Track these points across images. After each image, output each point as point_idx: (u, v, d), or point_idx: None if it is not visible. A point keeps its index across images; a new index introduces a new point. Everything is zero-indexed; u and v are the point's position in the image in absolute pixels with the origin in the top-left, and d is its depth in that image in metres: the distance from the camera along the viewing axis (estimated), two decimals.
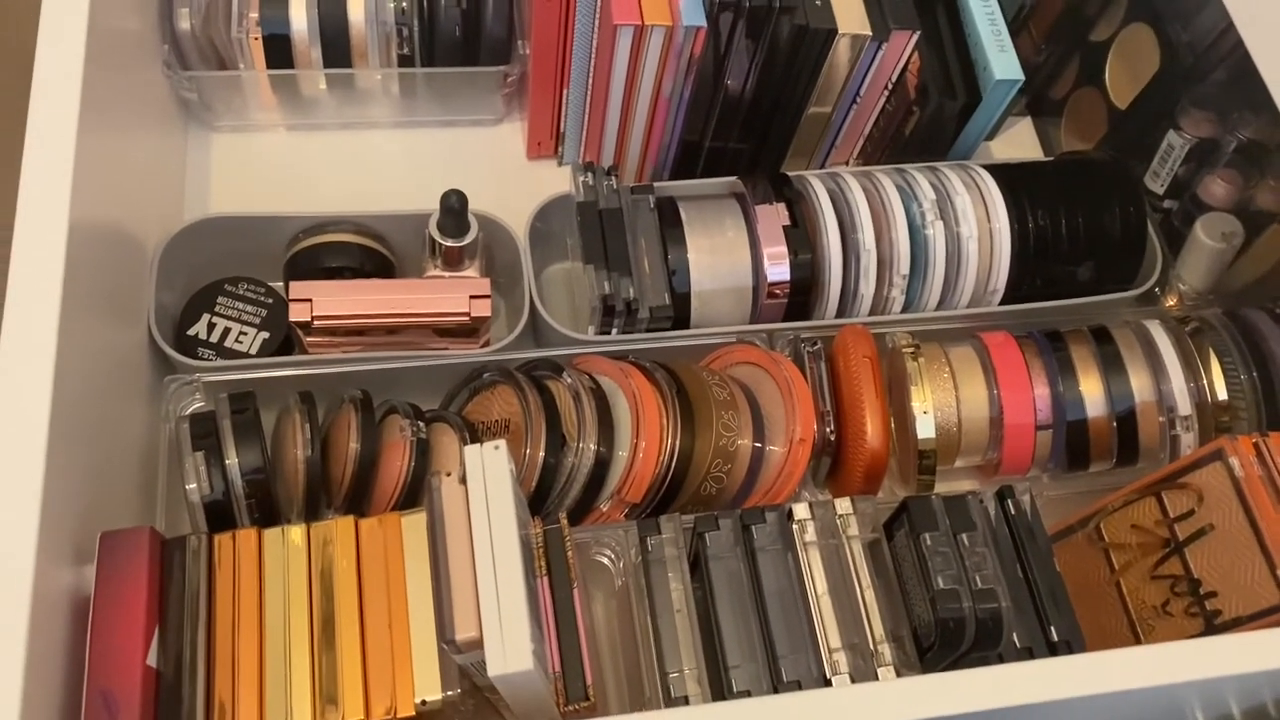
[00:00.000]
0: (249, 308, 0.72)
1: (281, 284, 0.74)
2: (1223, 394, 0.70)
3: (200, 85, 0.79)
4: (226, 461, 0.61)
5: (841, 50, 0.73)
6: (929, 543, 0.58)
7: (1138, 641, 0.65)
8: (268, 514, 0.62)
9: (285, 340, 0.72)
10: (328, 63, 0.79)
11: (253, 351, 0.70)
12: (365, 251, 0.73)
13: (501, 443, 0.49)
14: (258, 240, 0.73)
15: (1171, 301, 0.79)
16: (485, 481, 0.49)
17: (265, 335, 0.71)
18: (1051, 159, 0.81)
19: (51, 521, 0.48)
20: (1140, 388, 0.70)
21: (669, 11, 0.68)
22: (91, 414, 0.56)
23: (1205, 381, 0.70)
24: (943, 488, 0.70)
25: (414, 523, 0.53)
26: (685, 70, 0.71)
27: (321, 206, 0.76)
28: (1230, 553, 0.60)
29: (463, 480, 0.50)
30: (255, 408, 0.63)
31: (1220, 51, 0.74)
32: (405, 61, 0.80)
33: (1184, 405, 0.69)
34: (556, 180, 0.85)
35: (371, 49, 0.79)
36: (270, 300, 0.72)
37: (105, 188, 0.63)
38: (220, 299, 0.72)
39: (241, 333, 0.71)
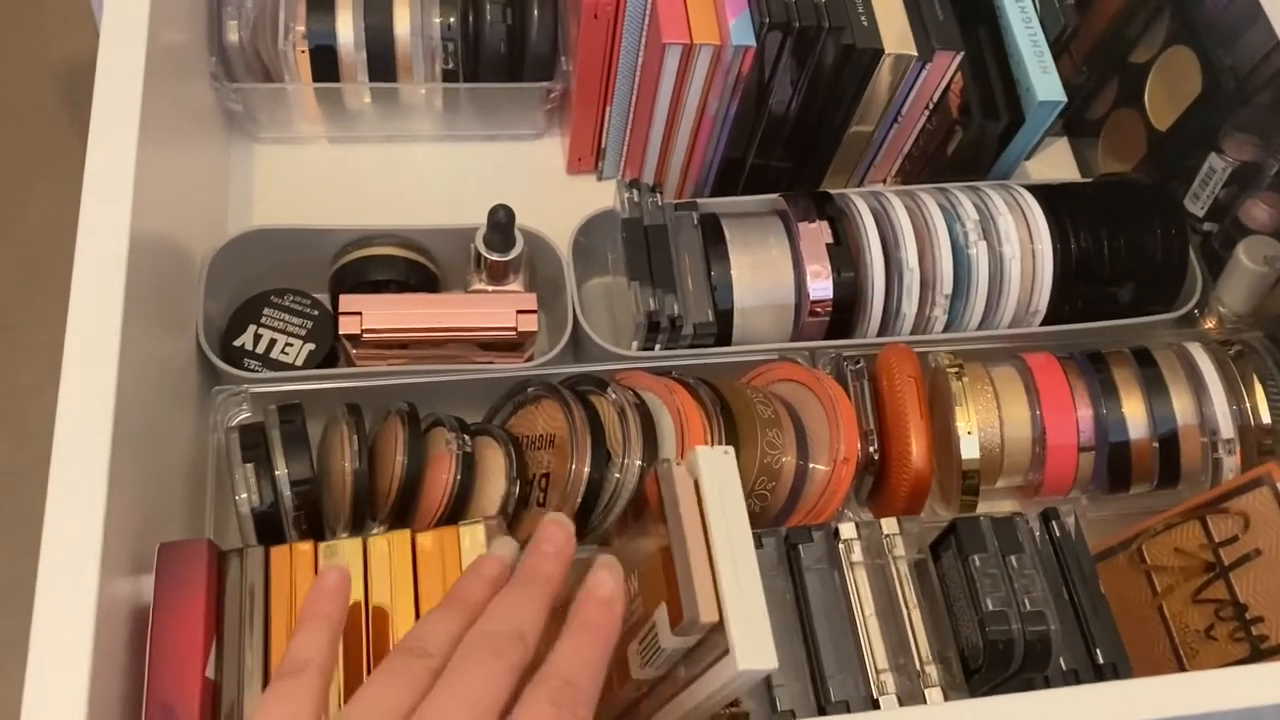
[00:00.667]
0: (295, 319, 0.72)
1: (326, 296, 0.75)
2: (1266, 417, 0.70)
3: (246, 97, 0.80)
4: (276, 473, 0.61)
5: (885, 70, 0.73)
6: (978, 564, 0.58)
7: (1181, 665, 0.65)
8: (315, 525, 0.62)
9: (330, 352, 0.72)
10: (373, 76, 0.80)
11: (298, 363, 0.71)
12: (410, 265, 0.73)
13: (730, 449, 0.50)
14: (303, 252, 0.74)
15: (1211, 324, 0.79)
16: (719, 479, 0.49)
17: (311, 347, 0.71)
18: (1092, 180, 0.81)
19: (114, 531, 0.49)
20: (1183, 410, 0.70)
21: (717, 31, 0.69)
22: (146, 424, 0.57)
23: (1248, 405, 0.70)
24: (984, 507, 0.70)
25: (471, 534, 0.53)
26: (732, 89, 0.72)
27: (364, 219, 0.76)
28: (1277, 579, 0.60)
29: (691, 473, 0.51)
30: (303, 419, 0.63)
31: (1264, 75, 0.74)
32: (449, 76, 0.80)
33: (1226, 428, 0.69)
34: (595, 195, 0.85)
35: (416, 63, 0.79)
36: (316, 312, 0.73)
37: (159, 199, 0.64)
38: (266, 310, 0.72)
39: (288, 344, 0.71)
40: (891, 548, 0.61)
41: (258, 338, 0.71)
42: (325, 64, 0.79)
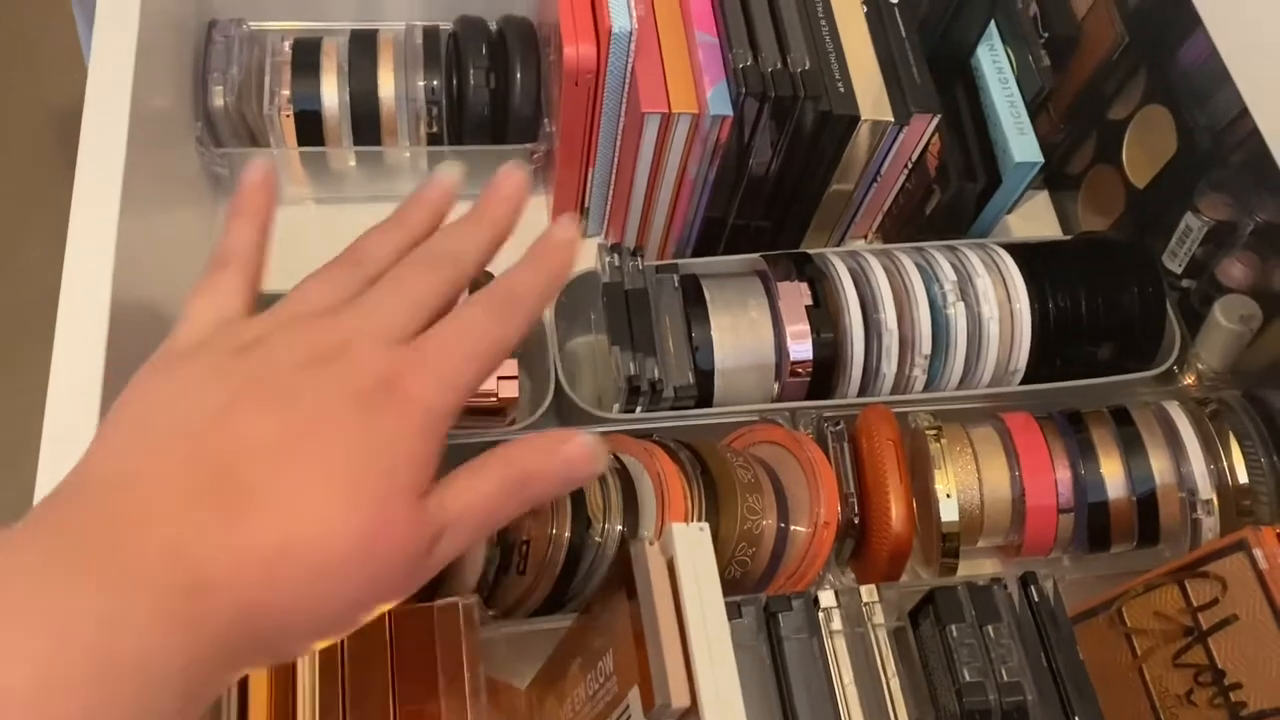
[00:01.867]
0: None
1: None
2: (1243, 477, 0.70)
3: (232, 161, 0.80)
4: None
5: (863, 134, 0.74)
6: (955, 634, 0.58)
7: None
8: None
9: None
10: (357, 139, 0.81)
11: None
12: None
13: (706, 525, 0.51)
14: None
15: (1189, 380, 0.80)
16: (694, 558, 0.49)
17: None
18: (1069, 238, 0.82)
19: None
20: (1160, 470, 0.71)
21: (695, 100, 0.70)
22: None
23: (1225, 465, 0.70)
24: (965, 567, 0.71)
25: (446, 612, 0.53)
26: (710, 155, 0.73)
27: None
28: (1255, 645, 0.61)
29: (664, 552, 0.51)
30: None
31: (1237, 135, 0.75)
32: (434, 139, 0.81)
33: (1205, 489, 0.70)
34: (580, 254, 0.86)
35: (401, 126, 0.80)
36: None
37: (143, 267, 0.64)
38: None
39: None
40: (871, 616, 0.61)
41: None
42: (310, 128, 0.80)
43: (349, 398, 0.35)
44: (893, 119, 0.73)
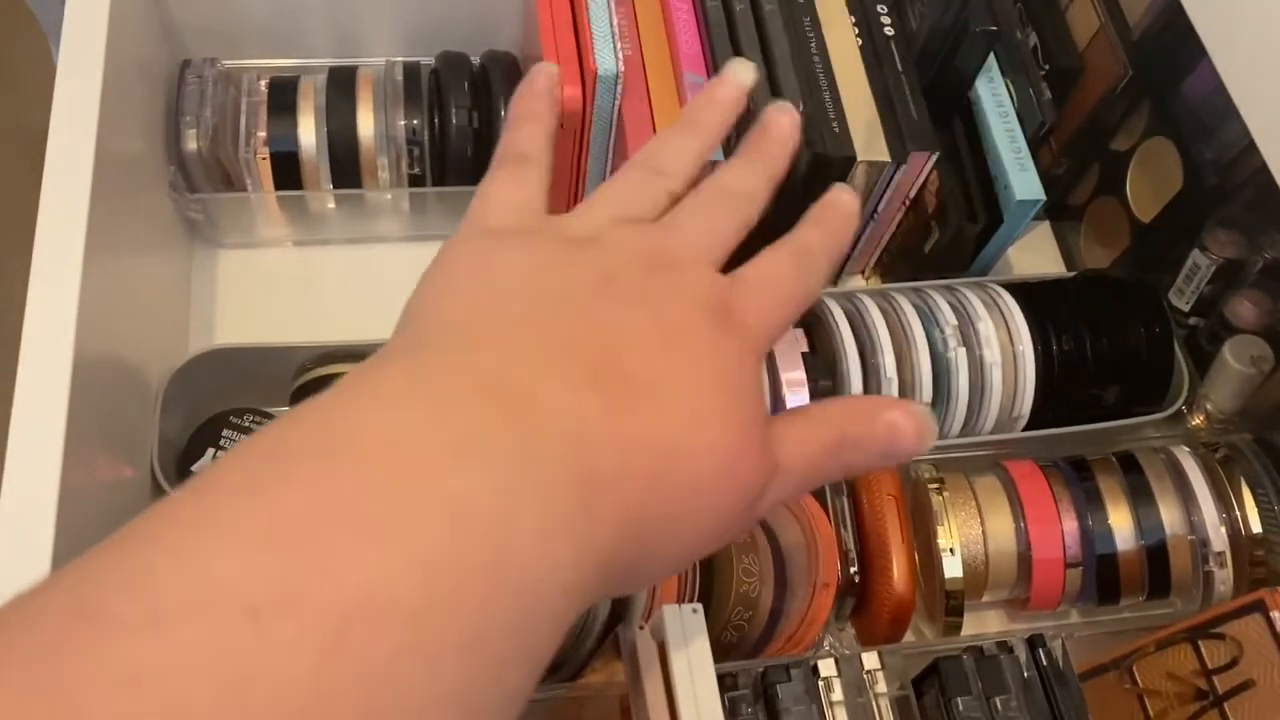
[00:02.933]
0: None
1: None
2: (1256, 527, 0.68)
3: (207, 206, 0.78)
4: None
5: (859, 175, 0.71)
6: (961, 709, 0.56)
7: None
8: None
9: None
10: (336, 180, 0.78)
11: None
12: None
13: (699, 606, 0.48)
14: (264, 368, 0.72)
15: (1198, 421, 0.77)
16: (686, 642, 0.47)
17: None
18: (1071, 276, 0.79)
19: None
20: (1171, 521, 0.68)
21: None
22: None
23: (1239, 514, 0.68)
24: (970, 621, 0.68)
25: None
26: None
27: (330, 324, 0.74)
28: (1272, 711, 0.58)
29: (655, 636, 0.48)
30: None
31: (1245, 171, 0.72)
32: (415, 179, 0.78)
33: (1218, 541, 0.67)
34: None
35: (381, 166, 0.78)
36: None
37: (110, 317, 0.61)
38: (226, 431, 0.70)
39: None
40: (873, 684, 0.59)
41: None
42: (287, 169, 0.77)
43: (701, 311, 0.31)
44: (889, 159, 0.70)
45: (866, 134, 0.71)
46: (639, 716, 0.47)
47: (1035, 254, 0.89)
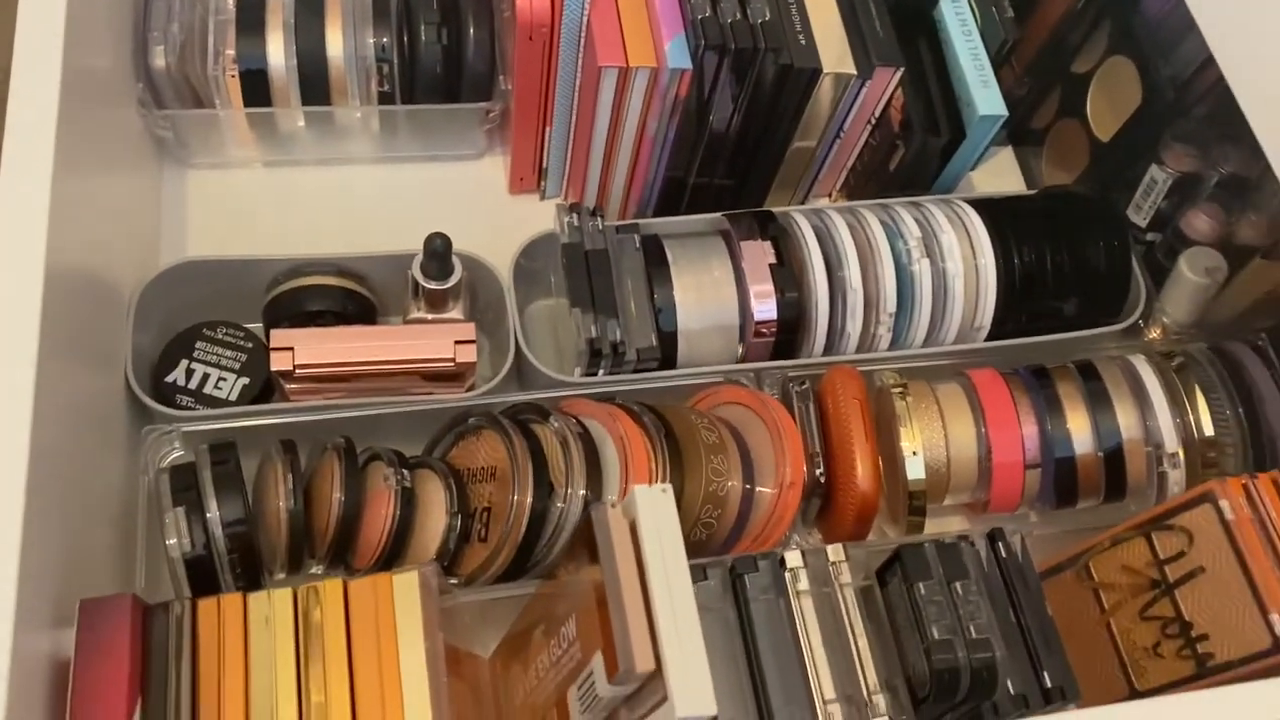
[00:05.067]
0: (228, 353, 0.70)
1: (261, 326, 0.73)
2: (1209, 430, 0.70)
3: (175, 123, 0.78)
4: (208, 515, 0.59)
5: (825, 88, 0.72)
6: (923, 592, 0.58)
7: (1129, 682, 0.65)
8: (251, 568, 0.61)
9: (265, 385, 0.70)
10: (306, 99, 0.78)
11: (232, 398, 0.69)
12: (347, 294, 0.72)
13: (668, 486, 0.50)
14: (236, 282, 0.72)
15: (1155, 334, 0.79)
16: (657, 520, 0.49)
17: (245, 381, 0.70)
18: (1034, 193, 0.81)
19: (30, 583, 0.47)
20: (1127, 425, 0.70)
21: (654, 53, 0.68)
22: (68, 468, 0.55)
23: (1192, 418, 0.70)
24: (932, 525, 0.70)
25: (405, 582, 0.52)
26: (670, 110, 0.71)
27: (301, 244, 0.75)
28: (1221, 596, 0.60)
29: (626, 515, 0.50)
30: (237, 459, 0.62)
31: (1201, 86, 0.74)
32: (385, 98, 0.79)
33: (1171, 442, 0.69)
34: (540, 214, 0.84)
35: (351, 85, 0.78)
36: (250, 345, 0.71)
37: (81, 231, 0.62)
38: (199, 344, 0.70)
39: (221, 379, 0.69)
40: (838, 575, 0.60)
41: (190, 373, 0.69)
42: (256, 88, 0.77)
43: None
44: (855, 73, 0.71)
45: (833, 47, 0.71)
46: (612, 594, 0.48)
47: (999, 178, 0.91)
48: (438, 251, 0.67)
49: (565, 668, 0.53)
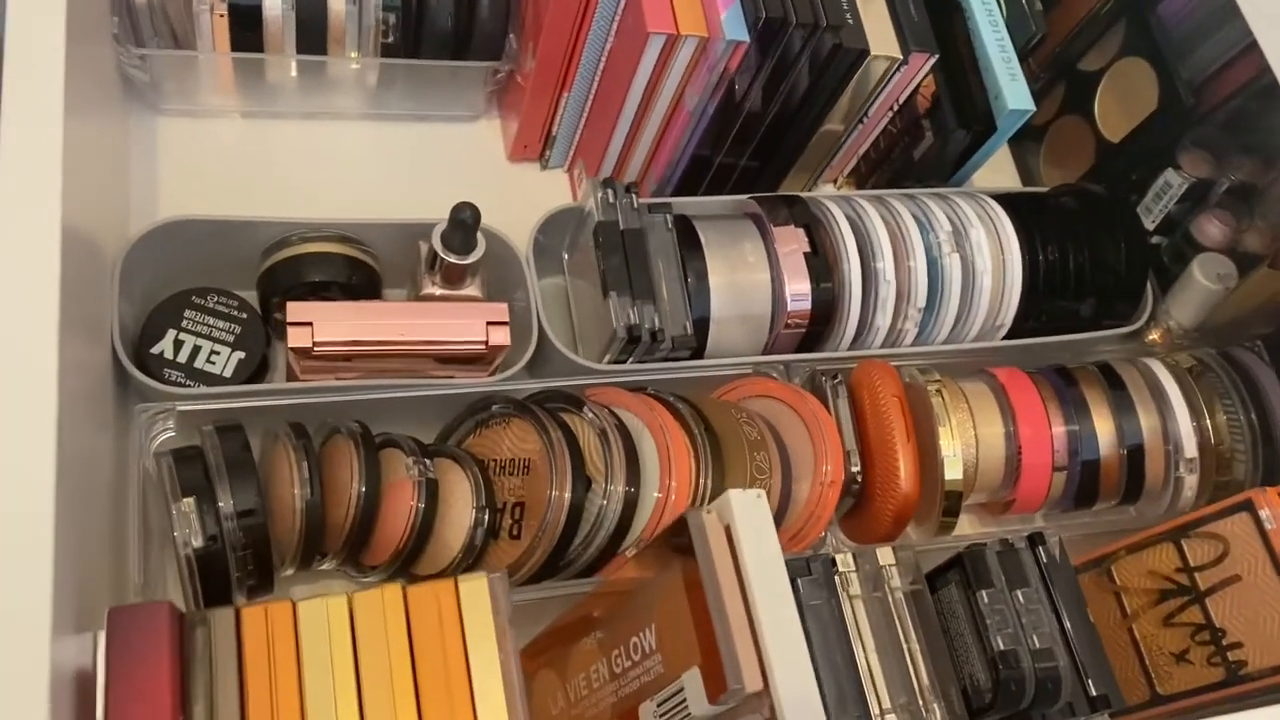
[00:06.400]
0: (221, 323, 0.64)
1: (253, 295, 0.66)
2: (1225, 435, 0.71)
3: (153, 64, 0.70)
4: (220, 506, 0.53)
5: (869, 70, 0.70)
6: (986, 600, 0.56)
7: (1151, 686, 0.66)
8: (263, 563, 0.55)
9: (262, 360, 0.64)
10: (300, 45, 0.71)
11: (227, 374, 0.63)
12: (352, 263, 0.66)
13: (763, 492, 0.47)
14: (225, 246, 0.65)
15: (1156, 336, 0.80)
16: (757, 527, 0.46)
17: (241, 355, 0.63)
18: (1051, 190, 0.80)
19: (62, 581, 0.41)
20: (1149, 428, 0.70)
21: (705, 22, 0.64)
22: (74, 457, 0.48)
23: (1209, 424, 0.71)
24: None
25: (474, 590, 0.47)
26: (715, 85, 0.67)
27: (285, 204, 0.69)
28: (1257, 604, 0.61)
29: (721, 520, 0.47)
30: (247, 442, 0.56)
31: (1221, 91, 0.74)
32: (388, 50, 0.72)
33: (1189, 447, 0.70)
34: (541, 184, 0.80)
35: (351, 34, 0.71)
36: (244, 315, 0.64)
37: (70, 181, 0.54)
38: (187, 313, 0.63)
39: (214, 352, 0.63)
40: (889, 579, 0.59)
41: (179, 344, 0.62)
42: (246, 28, 0.69)
43: None
44: (900, 56, 0.69)
45: (878, 29, 0.69)
46: (715, 607, 0.45)
47: (995, 173, 0.90)
48: (465, 223, 0.62)
49: (636, 680, 0.50)
